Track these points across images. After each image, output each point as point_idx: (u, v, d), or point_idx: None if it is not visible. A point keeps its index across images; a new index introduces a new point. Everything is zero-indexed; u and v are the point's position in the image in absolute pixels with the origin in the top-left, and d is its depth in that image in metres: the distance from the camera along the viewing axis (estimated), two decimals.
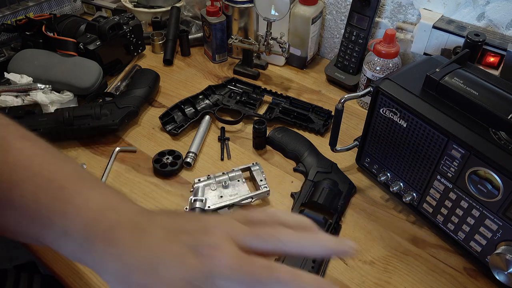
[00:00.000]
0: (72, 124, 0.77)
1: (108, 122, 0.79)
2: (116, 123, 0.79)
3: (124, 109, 0.82)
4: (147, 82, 0.89)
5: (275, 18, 0.89)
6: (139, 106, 0.85)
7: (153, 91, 0.91)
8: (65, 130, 0.77)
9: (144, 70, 0.94)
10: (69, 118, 0.77)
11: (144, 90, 0.87)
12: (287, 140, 0.80)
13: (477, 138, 0.54)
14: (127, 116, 0.82)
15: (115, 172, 0.75)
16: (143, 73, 0.92)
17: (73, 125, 0.77)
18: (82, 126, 0.78)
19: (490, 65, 0.77)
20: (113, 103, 0.82)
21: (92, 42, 0.90)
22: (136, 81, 0.90)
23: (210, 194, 0.68)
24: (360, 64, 0.93)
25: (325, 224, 0.65)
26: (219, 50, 1.03)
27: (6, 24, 1.00)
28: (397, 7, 0.90)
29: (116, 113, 0.80)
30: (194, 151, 0.78)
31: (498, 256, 0.54)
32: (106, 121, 0.79)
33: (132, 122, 0.86)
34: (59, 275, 0.60)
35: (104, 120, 0.79)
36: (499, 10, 0.78)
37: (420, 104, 0.59)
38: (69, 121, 0.77)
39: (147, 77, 0.91)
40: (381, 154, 0.69)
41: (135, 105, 0.83)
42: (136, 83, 0.89)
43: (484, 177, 0.54)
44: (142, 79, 0.90)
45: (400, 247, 0.65)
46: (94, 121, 0.78)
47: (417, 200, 0.66)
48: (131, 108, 0.82)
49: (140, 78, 0.90)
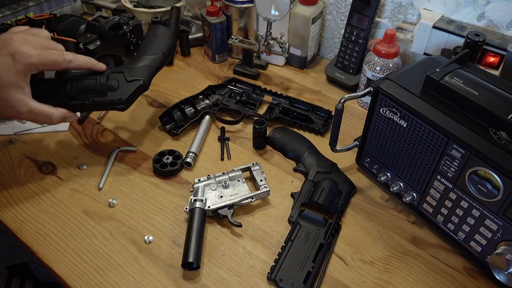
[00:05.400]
0: (74, 98, 0.69)
1: (115, 99, 0.69)
2: (124, 101, 0.69)
3: (133, 83, 0.71)
4: (161, 46, 0.78)
5: (275, 18, 0.89)
6: (150, 78, 0.74)
7: (167, 58, 0.79)
8: (67, 105, 0.69)
9: (158, 27, 0.81)
10: (72, 91, 0.69)
11: (157, 57, 0.76)
12: (287, 140, 0.80)
13: (477, 138, 0.54)
14: (136, 92, 0.71)
15: (115, 172, 0.75)
16: (156, 31, 0.80)
17: (76, 100, 0.69)
18: (85, 102, 0.69)
19: (490, 65, 0.77)
20: (121, 73, 0.72)
21: (92, 42, 0.90)
22: (149, 43, 0.78)
23: (210, 194, 0.68)
24: (360, 64, 0.93)
25: (325, 224, 0.65)
26: (219, 50, 1.03)
27: (6, 24, 1.00)
28: (397, 7, 0.90)
29: (124, 88, 0.70)
30: (194, 151, 0.78)
31: (498, 256, 0.54)
32: (112, 98, 0.69)
33: (133, 122, 0.86)
34: (59, 275, 0.60)
35: (110, 96, 0.69)
36: (499, 10, 0.78)
37: (420, 104, 0.59)
38: (72, 94, 0.69)
39: (161, 39, 0.79)
40: (381, 154, 0.69)
41: (145, 78, 0.72)
42: (149, 46, 0.77)
43: (484, 177, 0.54)
44: (156, 42, 0.78)
45: (400, 247, 0.65)
46: (99, 97, 0.69)
47: (417, 200, 0.66)
48: (140, 81, 0.71)
49: (154, 40, 0.78)
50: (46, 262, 0.61)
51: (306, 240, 0.63)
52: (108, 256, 0.62)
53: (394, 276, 0.61)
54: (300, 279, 0.58)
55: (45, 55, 0.63)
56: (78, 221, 0.67)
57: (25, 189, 0.72)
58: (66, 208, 0.69)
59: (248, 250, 0.64)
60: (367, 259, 0.63)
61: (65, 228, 0.66)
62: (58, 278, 0.61)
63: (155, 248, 0.64)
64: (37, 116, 0.65)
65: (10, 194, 0.71)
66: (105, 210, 0.69)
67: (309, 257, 0.61)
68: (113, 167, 0.77)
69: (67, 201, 0.70)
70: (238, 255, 0.63)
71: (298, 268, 0.60)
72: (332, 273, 0.61)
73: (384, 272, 0.62)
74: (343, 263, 0.63)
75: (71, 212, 0.68)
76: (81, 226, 0.66)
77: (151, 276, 0.60)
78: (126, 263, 0.62)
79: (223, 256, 0.63)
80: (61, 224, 0.66)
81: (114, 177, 0.75)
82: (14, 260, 1.05)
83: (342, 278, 0.61)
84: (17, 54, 0.60)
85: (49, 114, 0.66)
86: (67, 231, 0.65)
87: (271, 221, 0.68)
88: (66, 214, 0.68)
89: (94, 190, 0.72)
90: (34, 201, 0.70)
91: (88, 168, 0.76)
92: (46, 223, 0.66)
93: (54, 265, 0.61)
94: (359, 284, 0.60)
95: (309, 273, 0.59)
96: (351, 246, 0.65)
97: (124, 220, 0.68)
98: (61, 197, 0.71)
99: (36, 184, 0.73)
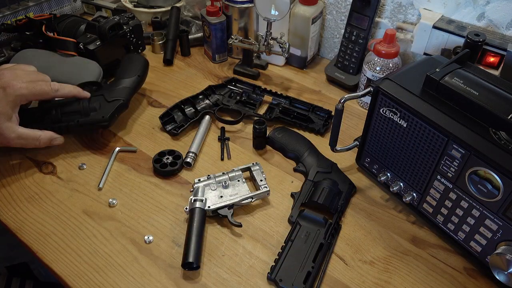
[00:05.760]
0: (60, 121, 0.75)
1: (98, 118, 0.75)
2: (107, 119, 0.76)
3: (113, 102, 0.78)
4: (136, 70, 0.84)
5: (275, 18, 0.89)
6: (129, 98, 0.81)
7: (143, 79, 0.87)
8: (53, 128, 0.75)
9: (132, 56, 0.89)
10: (56, 115, 0.74)
11: (133, 80, 0.83)
12: (287, 140, 0.80)
13: (477, 138, 0.54)
14: (117, 111, 0.78)
15: (115, 172, 0.75)
16: (131, 60, 0.87)
17: (61, 122, 0.75)
18: (70, 124, 0.75)
19: (490, 65, 0.77)
20: (101, 96, 0.78)
21: (92, 42, 0.90)
22: (125, 68, 0.85)
23: (210, 194, 0.68)
24: (360, 64, 0.93)
25: (325, 224, 0.65)
26: (219, 50, 1.03)
27: (6, 24, 1.00)
28: (397, 7, 0.90)
29: (106, 108, 0.77)
30: (194, 151, 0.78)
31: (498, 256, 0.54)
32: (95, 117, 0.76)
33: (132, 122, 0.86)
34: (58, 275, 0.60)
35: (93, 116, 0.76)
36: (499, 10, 0.78)
37: (420, 104, 0.59)
38: (57, 118, 0.74)
39: (136, 64, 0.86)
40: (381, 154, 0.69)
41: (124, 98, 0.79)
42: (125, 71, 0.84)
43: (484, 177, 0.54)
44: (131, 67, 0.85)
45: (400, 247, 0.65)
46: (83, 118, 0.75)
47: (417, 200, 0.66)
48: (120, 101, 0.78)
49: (129, 65, 0.85)
50: (46, 262, 0.61)
51: (306, 240, 0.63)
52: (108, 256, 0.62)
53: (394, 276, 0.61)
54: (300, 279, 0.58)
55: (34, 86, 0.69)
56: (78, 221, 0.67)
57: (25, 189, 0.72)
58: (66, 208, 0.69)
59: (248, 250, 0.64)
60: (367, 259, 0.63)
61: (65, 228, 0.66)
62: (58, 278, 0.61)
63: (155, 248, 0.64)
64: (26, 141, 0.71)
65: (10, 194, 0.71)
66: (105, 210, 0.69)
67: (309, 257, 0.61)
68: (113, 167, 0.77)
69: (67, 201, 0.70)
70: (238, 255, 0.63)
71: (298, 268, 0.60)
72: (332, 273, 0.61)
73: (384, 272, 0.62)
74: (343, 263, 0.63)
75: (71, 212, 0.68)
76: (81, 226, 0.66)
77: (151, 276, 0.60)
78: (126, 263, 0.62)
79: (223, 256, 0.63)
80: (61, 224, 0.66)
81: (114, 177, 0.75)
82: (14, 260, 1.05)
83: (342, 278, 0.61)
84: (8, 88, 0.67)
85: (36, 137, 0.72)
86: (67, 231, 0.65)
87: (271, 221, 0.68)
88: (66, 214, 0.68)
89: (94, 190, 0.72)
90: (34, 201, 0.70)
91: (88, 168, 0.76)
92: (46, 223, 0.66)
93: (54, 265, 0.61)
94: (359, 284, 0.60)
95: (309, 273, 0.59)
96: (351, 246, 0.65)
97: (124, 220, 0.68)
98: (61, 197, 0.71)
99: (36, 184, 0.73)
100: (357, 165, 0.77)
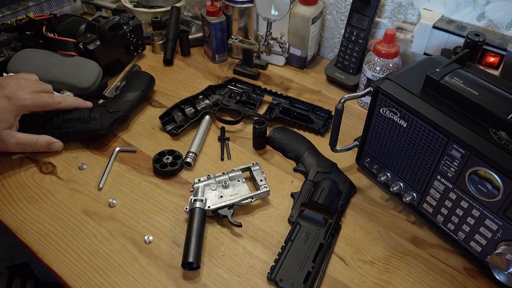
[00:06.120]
0: (60, 127, 0.77)
1: (97, 127, 0.78)
2: (105, 128, 0.78)
3: (114, 113, 0.80)
4: (141, 85, 0.88)
5: (275, 18, 0.89)
6: (130, 110, 0.84)
7: (147, 95, 0.90)
8: (53, 133, 0.77)
9: (140, 72, 0.93)
10: (58, 121, 0.77)
11: (137, 94, 0.86)
12: (287, 140, 0.80)
13: (477, 138, 0.54)
14: (117, 121, 0.80)
15: (115, 172, 0.75)
16: (138, 75, 0.91)
17: (61, 128, 0.77)
18: (70, 130, 0.77)
19: (490, 65, 0.77)
20: (103, 107, 0.81)
21: (92, 42, 0.90)
22: (131, 83, 0.88)
23: (210, 194, 0.68)
24: (360, 64, 0.93)
25: (325, 224, 0.65)
26: (219, 50, 1.03)
27: (6, 24, 1.00)
28: (397, 7, 0.90)
29: (106, 118, 0.79)
30: (194, 151, 0.78)
31: (498, 256, 0.54)
32: (94, 125, 0.78)
33: (132, 122, 0.86)
34: (58, 275, 0.60)
35: (92, 124, 0.78)
36: (499, 10, 0.78)
37: (420, 104, 0.59)
38: (58, 124, 0.77)
39: (141, 80, 0.89)
40: (381, 154, 0.69)
41: (125, 110, 0.82)
42: (130, 86, 0.87)
43: (484, 177, 0.54)
44: (137, 82, 0.88)
45: (400, 247, 0.65)
46: (83, 125, 0.78)
47: (417, 200, 0.66)
48: (121, 112, 0.81)
49: (135, 81, 0.89)
50: (46, 262, 0.61)
51: (306, 240, 0.63)
52: (108, 256, 0.62)
53: (394, 276, 0.61)
54: (300, 279, 0.58)
55: (38, 97, 0.73)
56: (78, 221, 0.67)
57: (25, 189, 0.72)
58: (66, 208, 0.69)
59: (248, 250, 0.64)
60: (367, 259, 0.63)
61: (65, 228, 0.66)
62: (58, 278, 0.61)
63: (155, 248, 0.64)
64: (24, 145, 0.74)
65: (10, 194, 0.71)
66: (105, 210, 0.69)
67: (309, 257, 0.61)
68: (113, 167, 0.77)
69: (67, 201, 0.70)
70: (238, 255, 0.63)
71: (298, 268, 0.60)
72: (332, 273, 0.61)
73: (384, 272, 0.62)
74: (343, 263, 0.63)
75: (71, 212, 0.68)
76: (81, 226, 0.66)
77: (151, 276, 0.60)
78: (126, 263, 0.62)
79: (223, 256, 0.63)
80: (61, 224, 0.66)
81: (114, 177, 0.75)
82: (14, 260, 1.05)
83: (342, 278, 0.61)
84: (13, 98, 0.70)
85: (34, 141, 0.74)
86: (67, 231, 0.65)
87: (271, 221, 0.68)
88: (66, 214, 0.68)
89: (94, 190, 0.72)
90: (34, 201, 0.70)
91: (88, 168, 0.76)
92: (46, 223, 0.66)
93: (54, 265, 0.61)
94: (359, 284, 0.60)
95: (309, 273, 0.59)
96: (351, 246, 0.65)
97: (124, 220, 0.68)
98: (61, 197, 0.71)
99: (36, 184, 0.73)
100: (357, 165, 0.77)
